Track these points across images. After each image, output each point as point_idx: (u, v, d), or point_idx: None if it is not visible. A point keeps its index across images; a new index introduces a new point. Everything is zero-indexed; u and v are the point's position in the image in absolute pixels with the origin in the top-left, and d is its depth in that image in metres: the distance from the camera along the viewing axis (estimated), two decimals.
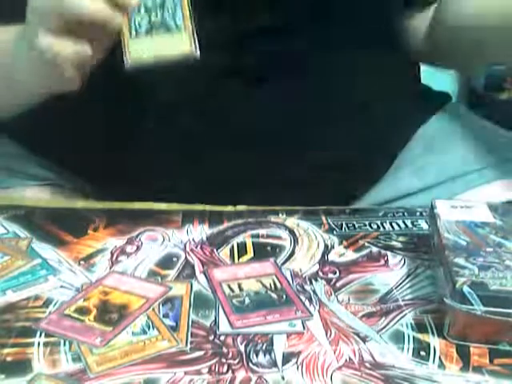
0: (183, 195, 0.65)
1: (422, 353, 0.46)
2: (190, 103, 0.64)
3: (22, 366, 0.44)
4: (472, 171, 0.70)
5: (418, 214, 0.65)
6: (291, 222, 0.64)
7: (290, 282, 0.54)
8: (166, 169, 0.67)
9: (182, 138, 0.65)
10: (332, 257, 0.58)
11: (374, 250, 0.59)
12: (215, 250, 0.59)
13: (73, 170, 0.74)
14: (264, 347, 0.46)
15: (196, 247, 0.59)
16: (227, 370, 0.44)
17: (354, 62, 0.65)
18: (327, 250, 0.59)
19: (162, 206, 0.66)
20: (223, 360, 0.45)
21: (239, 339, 0.47)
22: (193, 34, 0.52)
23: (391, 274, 0.55)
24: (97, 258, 0.57)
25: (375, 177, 0.75)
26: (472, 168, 0.70)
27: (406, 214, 0.65)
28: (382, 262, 0.57)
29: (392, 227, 0.63)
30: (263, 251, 0.59)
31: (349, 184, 0.72)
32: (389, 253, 0.58)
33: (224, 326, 0.48)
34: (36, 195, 0.72)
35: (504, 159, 0.70)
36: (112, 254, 0.58)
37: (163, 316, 0.49)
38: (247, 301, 0.51)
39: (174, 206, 0.66)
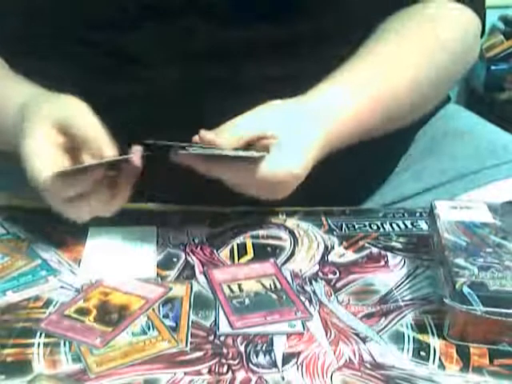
0: (183, 196, 0.65)
1: (422, 353, 0.46)
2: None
3: (22, 366, 0.44)
4: (471, 173, 0.70)
5: (417, 214, 0.65)
6: (291, 222, 0.64)
7: (290, 282, 0.54)
8: (166, 168, 0.67)
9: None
10: (332, 257, 0.58)
11: (374, 250, 0.59)
12: (215, 251, 0.59)
13: None
14: (264, 348, 0.46)
15: (196, 248, 0.59)
16: (227, 371, 0.44)
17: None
18: (327, 250, 0.59)
19: (162, 206, 0.66)
20: (223, 360, 0.45)
21: (239, 340, 0.47)
22: None
23: (391, 275, 0.55)
24: None
25: (379, 182, 0.75)
26: (471, 169, 0.70)
27: (405, 214, 0.65)
28: (382, 262, 0.57)
29: (392, 228, 0.63)
30: (263, 252, 0.59)
31: (354, 191, 0.71)
32: (389, 253, 0.58)
33: (224, 327, 0.48)
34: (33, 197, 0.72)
35: (503, 160, 0.70)
36: None
37: (163, 316, 0.49)
38: (247, 301, 0.51)
39: (174, 207, 0.66)
